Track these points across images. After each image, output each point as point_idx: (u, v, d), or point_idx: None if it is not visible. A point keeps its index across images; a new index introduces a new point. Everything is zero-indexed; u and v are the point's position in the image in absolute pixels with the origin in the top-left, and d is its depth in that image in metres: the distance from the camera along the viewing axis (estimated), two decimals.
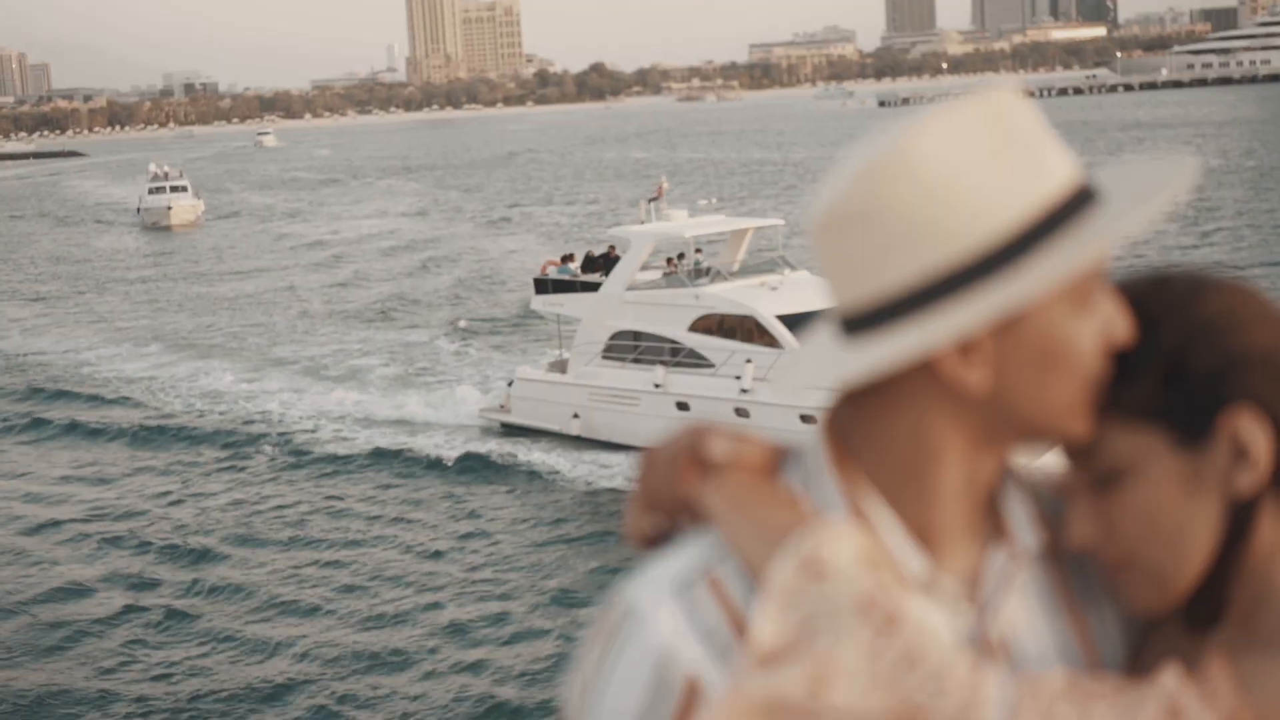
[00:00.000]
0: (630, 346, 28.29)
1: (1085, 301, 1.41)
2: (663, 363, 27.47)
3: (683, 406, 26.43)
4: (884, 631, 1.33)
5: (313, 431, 30.16)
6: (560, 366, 29.90)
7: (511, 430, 29.27)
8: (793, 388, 1.52)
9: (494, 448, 27.88)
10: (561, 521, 23.47)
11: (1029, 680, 1.36)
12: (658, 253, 30.02)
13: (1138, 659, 1.49)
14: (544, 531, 23.01)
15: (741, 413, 24.92)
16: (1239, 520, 1.45)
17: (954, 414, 1.43)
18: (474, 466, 26.86)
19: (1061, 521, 1.52)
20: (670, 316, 27.65)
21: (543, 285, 30.99)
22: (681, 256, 29.48)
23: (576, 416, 28.42)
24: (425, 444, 28.32)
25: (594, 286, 29.64)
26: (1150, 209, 1.39)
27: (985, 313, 1.35)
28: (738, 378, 25.65)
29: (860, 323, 1.42)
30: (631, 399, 27.56)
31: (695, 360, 27.00)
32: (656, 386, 27.21)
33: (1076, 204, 1.40)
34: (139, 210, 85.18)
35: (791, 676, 1.34)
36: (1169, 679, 1.33)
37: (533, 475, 26.23)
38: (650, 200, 32.03)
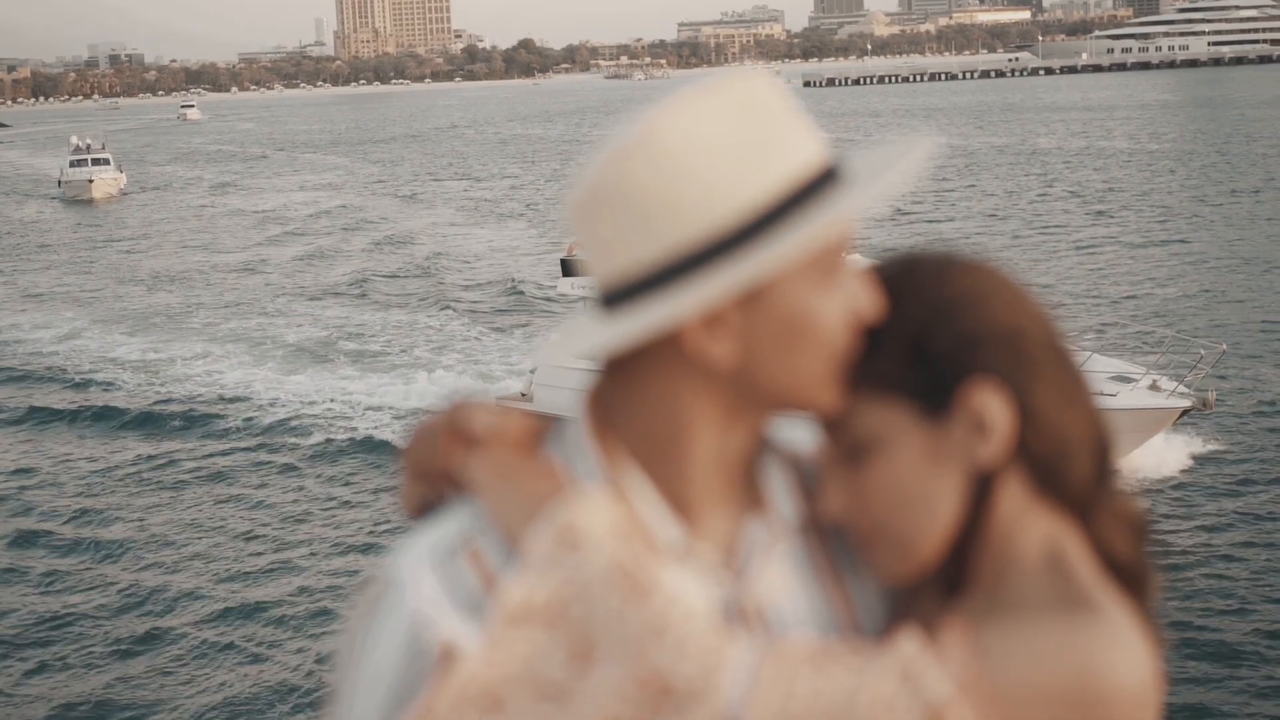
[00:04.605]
0: None
1: (830, 277, 1.44)
2: None
3: None
4: (632, 600, 1.35)
5: (297, 417, 27.95)
6: None
7: None
8: (549, 359, 1.54)
9: None
10: None
11: (774, 646, 1.38)
12: None
13: (896, 626, 1.50)
14: None
15: None
16: (982, 491, 1.50)
17: (703, 386, 1.45)
18: None
19: (818, 492, 1.56)
20: None
21: (570, 266, 28.89)
22: None
23: None
24: None
25: None
26: (882, 186, 1.43)
27: (726, 287, 1.38)
28: None
29: (613, 298, 1.46)
30: None
31: None
32: None
33: (819, 183, 1.43)
34: (60, 183, 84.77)
35: (551, 654, 1.36)
36: (906, 643, 1.37)
37: None
38: None
